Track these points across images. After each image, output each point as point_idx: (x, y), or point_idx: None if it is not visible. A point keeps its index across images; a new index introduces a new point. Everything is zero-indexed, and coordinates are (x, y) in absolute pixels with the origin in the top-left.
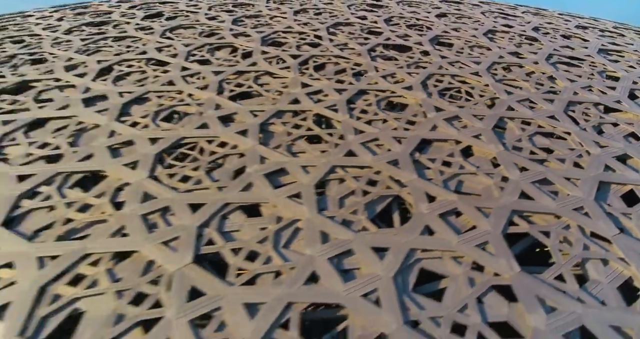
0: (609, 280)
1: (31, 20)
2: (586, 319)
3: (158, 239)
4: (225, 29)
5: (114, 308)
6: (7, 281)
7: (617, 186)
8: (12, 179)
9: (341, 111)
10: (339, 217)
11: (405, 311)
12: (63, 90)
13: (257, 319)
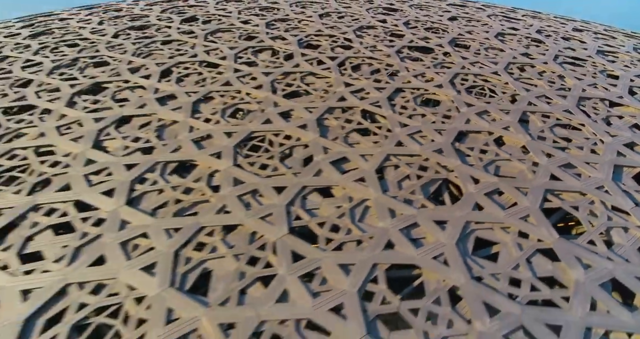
0: (631, 243)
1: (73, 24)
2: (616, 273)
3: (256, 215)
4: (261, 32)
5: (235, 267)
6: (147, 247)
7: (628, 169)
8: (122, 167)
9: (384, 107)
10: (401, 197)
11: (470, 269)
12: (134, 91)
13: (351, 276)
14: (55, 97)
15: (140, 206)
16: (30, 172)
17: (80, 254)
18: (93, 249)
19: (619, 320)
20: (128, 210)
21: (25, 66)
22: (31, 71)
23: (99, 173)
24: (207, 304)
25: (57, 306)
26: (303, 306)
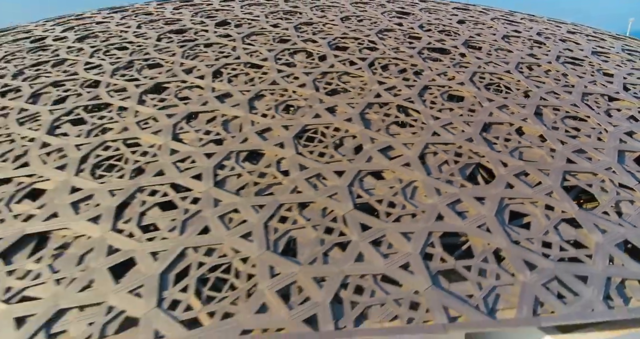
0: (637, 213)
1: (113, 27)
2: (627, 235)
3: (324, 194)
4: (292, 35)
5: (315, 236)
6: (240, 220)
7: (630, 153)
8: (203, 156)
9: (416, 103)
10: (443, 179)
11: (509, 235)
12: (192, 90)
13: (412, 241)
14: (126, 96)
15: (225, 188)
16: (125, 161)
17: (187, 225)
18: (197, 221)
19: (632, 271)
20: (217, 191)
21: (88, 68)
22: (95, 73)
23: (184, 161)
24: (300, 263)
25: (181, 264)
26: (377, 264)
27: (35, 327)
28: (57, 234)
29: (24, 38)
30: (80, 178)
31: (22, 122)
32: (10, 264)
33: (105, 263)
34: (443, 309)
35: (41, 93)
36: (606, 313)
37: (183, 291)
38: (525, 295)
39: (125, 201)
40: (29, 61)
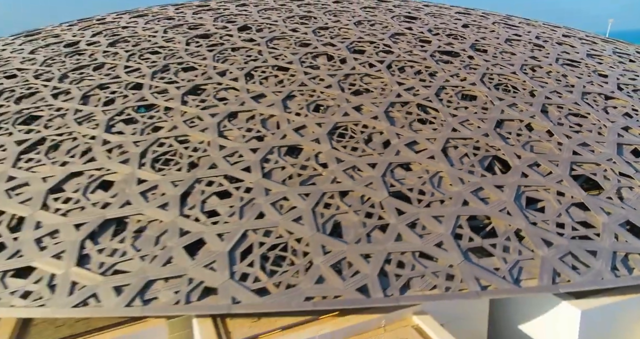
0: (636, 197)
1: (140, 32)
2: (629, 216)
3: (361, 183)
4: (312, 39)
5: (357, 219)
6: (290, 206)
7: (627, 146)
8: (249, 151)
9: (434, 102)
10: (465, 169)
11: (527, 217)
12: (228, 91)
13: (443, 224)
14: (169, 97)
15: (273, 179)
16: (180, 155)
17: (245, 211)
18: (252, 208)
19: (634, 246)
20: (266, 181)
21: (128, 71)
22: (136, 76)
23: (232, 155)
24: (347, 242)
25: (244, 244)
26: (415, 243)
27: (132, 294)
28: (133, 219)
29: (56, 42)
30: (143, 171)
31: (79, 121)
32: (98, 244)
33: (180, 242)
34: (475, 279)
35: (90, 95)
36: (614, 281)
37: (250, 266)
38: (544, 267)
39: (186, 191)
40: (70, 65)
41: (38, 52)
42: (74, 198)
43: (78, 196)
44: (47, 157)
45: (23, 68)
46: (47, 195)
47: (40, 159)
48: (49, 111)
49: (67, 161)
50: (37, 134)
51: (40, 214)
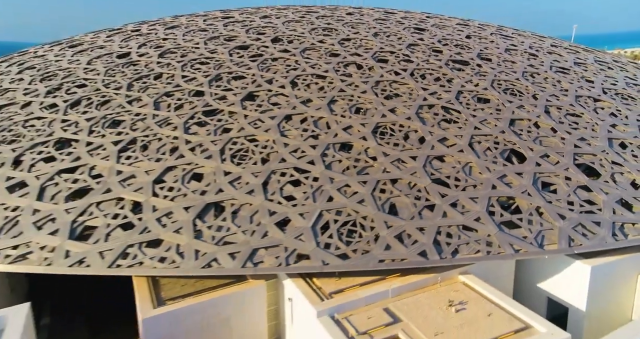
0: (627, 181)
1: (182, 43)
2: (622, 195)
3: (407, 172)
4: (339, 50)
5: (408, 201)
6: (353, 192)
7: (616, 140)
8: (309, 147)
9: (456, 104)
10: (489, 160)
11: (544, 197)
12: (278, 96)
13: (478, 203)
14: (230, 103)
15: (333, 170)
16: (252, 152)
17: (316, 196)
18: (322, 193)
19: (628, 218)
20: (329, 172)
21: (187, 80)
22: (195, 84)
23: (296, 151)
24: (404, 219)
25: (321, 221)
26: (458, 219)
27: (244, 259)
28: (228, 203)
29: (107, 54)
30: (226, 164)
31: (160, 125)
32: (206, 222)
33: (270, 220)
34: (509, 245)
35: (159, 101)
36: (614, 244)
37: (330, 238)
38: (561, 235)
39: (265, 180)
40: (132, 75)
41: (95, 63)
42: (175, 187)
43: (178, 185)
44: (142, 154)
45: (89, 78)
46: (154, 185)
47: (137, 157)
48: (130, 116)
49: (160, 157)
50: (127, 136)
51: (154, 200)
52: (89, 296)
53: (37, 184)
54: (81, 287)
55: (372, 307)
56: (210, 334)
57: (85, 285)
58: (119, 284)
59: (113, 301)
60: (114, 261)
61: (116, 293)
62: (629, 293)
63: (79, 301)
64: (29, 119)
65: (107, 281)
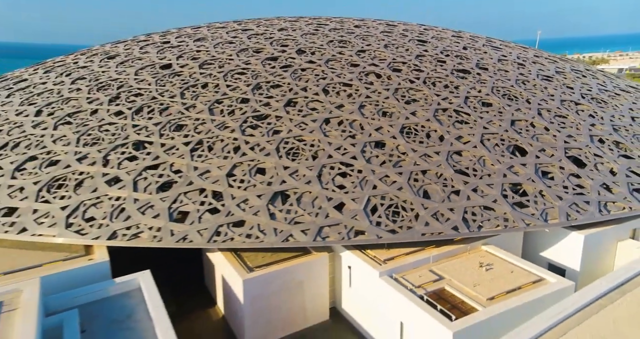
0: (606, 169)
1: (217, 55)
2: (604, 180)
3: (433, 165)
4: (358, 61)
5: (438, 188)
6: (392, 181)
7: (595, 136)
8: (350, 145)
9: (465, 108)
10: (498, 154)
11: (545, 183)
12: (314, 102)
13: (494, 188)
14: (275, 108)
15: (372, 163)
16: (302, 150)
17: (362, 185)
18: (367, 183)
19: (609, 197)
20: (370, 165)
21: (232, 89)
22: (241, 92)
23: (339, 149)
24: (436, 202)
25: (370, 204)
26: (479, 201)
27: (314, 235)
28: (291, 191)
29: (150, 65)
30: (283, 160)
31: (219, 127)
32: (276, 207)
33: (329, 204)
34: (522, 220)
35: (213, 108)
36: (600, 218)
37: (379, 217)
38: (561, 212)
39: (319, 173)
40: (181, 84)
41: (141, 74)
42: (245, 180)
43: (247, 178)
44: (210, 153)
45: (143, 87)
46: (227, 178)
47: (207, 155)
48: (191, 121)
49: (227, 155)
50: (194, 138)
51: (230, 190)
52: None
53: (129, 178)
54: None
55: (419, 269)
56: (288, 294)
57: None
58: (185, 262)
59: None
60: (210, 237)
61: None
62: (611, 255)
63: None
64: (102, 124)
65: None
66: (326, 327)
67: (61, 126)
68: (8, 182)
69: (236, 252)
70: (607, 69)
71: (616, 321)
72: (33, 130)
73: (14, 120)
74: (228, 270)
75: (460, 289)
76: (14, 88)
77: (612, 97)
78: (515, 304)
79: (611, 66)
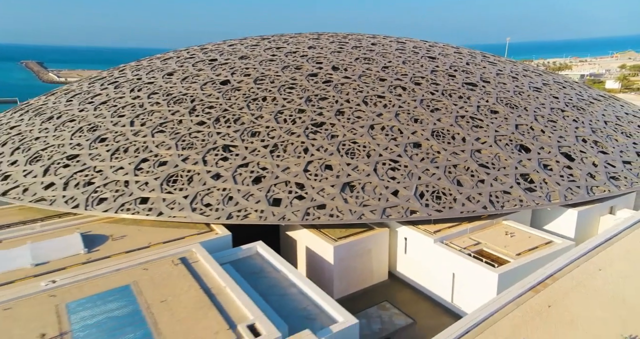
0: (590, 162)
1: (266, 72)
2: (589, 170)
3: (462, 160)
4: (385, 76)
5: (468, 178)
6: (432, 173)
7: (580, 137)
8: (394, 146)
9: (479, 115)
10: (509, 152)
11: (546, 173)
12: (357, 111)
13: (509, 177)
14: (328, 117)
15: (414, 160)
16: (358, 150)
17: (409, 176)
18: (413, 175)
19: (595, 182)
20: (412, 162)
21: (288, 101)
22: (297, 104)
23: (386, 149)
24: (467, 188)
25: (418, 191)
26: (500, 187)
27: (379, 213)
28: (356, 182)
29: (211, 81)
30: (345, 159)
31: (288, 133)
32: (347, 194)
33: (387, 191)
34: (532, 201)
35: (276, 117)
36: (589, 198)
37: (426, 200)
38: (560, 194)
39: (374, 168)
40: (243, 98)
41: (207, 89)
42: (318, 174)
43: (319, 172)
44: (285, 154)
45: (213, 101)
46: (304, 173)
47: (284, 155)
48: (262, 128)
49: (299, 155)
50: (269, 142)
51: (309, 182)
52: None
53: (228, 174)
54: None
55: (460, 238)
56: (361, 259)
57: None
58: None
59: None
60: (303, 216)
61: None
62: (595, 225)
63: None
64: (191, 132)
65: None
66: (386, 284)
67: (157, 133)
68: (134, 179)
69: (318, 228)
70: (570, 75)
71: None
72: (134, 137)
73: (114, 129)
74: (317, 241)
75: (495, 249)
76: (95, 101)
77: (588, 105)
78: (535, 257)
79: (574, 72)
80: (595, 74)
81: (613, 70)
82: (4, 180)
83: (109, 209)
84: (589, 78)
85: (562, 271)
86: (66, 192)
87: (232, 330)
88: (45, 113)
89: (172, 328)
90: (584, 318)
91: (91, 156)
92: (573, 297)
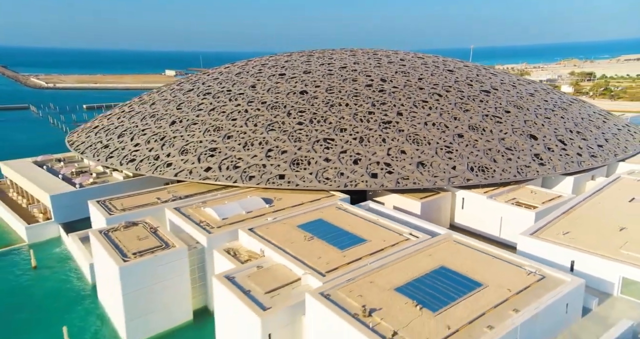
0: (575, 152)
1: (332, 84)
2: (579, 160)
3: (494, 145)
4: (422, 85)
5: (488, 162)
6: (455, 165)
7: (568, 128)
8: (445, 137)
9: (497, 114)
10: (524, 139)
11: (551, 154)
12: (411, 113)
13: (527, 157)
14: (392, 117)
15: (461, 146)
16: (421, 141)
17: (461, 157)
18: (462, 155)
19: (582, 159)
20: (460, 147)
21: (358, 106)
22: (366, 108)
23: (440, 139)
24: (501, 165)
25: (467, 166)
26: (522, 163)
27: (447, 181)
28: (426, 161)
29: (291, 92)
30: (413, 145)
31: (365, 129)
32: (420, 169)
33: (448, 167)
34: (545, 171)
35: (355, 118)
36: (579, 169)
37: (476, 172)
38: (561, 166)
39: (435, 152)
40: (322, 104)
41: (291, 98)
42: (397, 156)
43: (398, 155)
44: (370, 143)
45: (301, 106)
46: (388, 156)
47: (369, 144)
48: (347, 126)
49: (381, 144)
50: (356, 135)
51: (393, 162)
52: None
53: (335, 158)
54: None
55: (502, 196)
56: (438, 212)
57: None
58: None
59: None
60: (396, 184)
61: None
62: (583, 187)
63: None
64: (295, 130)
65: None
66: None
67: (270, 131)
68: (268, 162)
69: (401, 193)
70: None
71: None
72: (254, 134)
73: (235, 129)
74: (405, 200)
75: (526, 201)
76: (204, 108)
77: (568, 106)
78: (553, 204)
79: (532, 78)
80: (551, 80)
81: (564, 75)
82: (169, 166)
83: (260, 182)
84: (546, 83)
85: (569, 211)
86: (222, 172)
87: (404, 236)
88: (164, 118)
89: (367, 236)
90: (587, 222)
91: (228, 148)
92: (579, 219)
